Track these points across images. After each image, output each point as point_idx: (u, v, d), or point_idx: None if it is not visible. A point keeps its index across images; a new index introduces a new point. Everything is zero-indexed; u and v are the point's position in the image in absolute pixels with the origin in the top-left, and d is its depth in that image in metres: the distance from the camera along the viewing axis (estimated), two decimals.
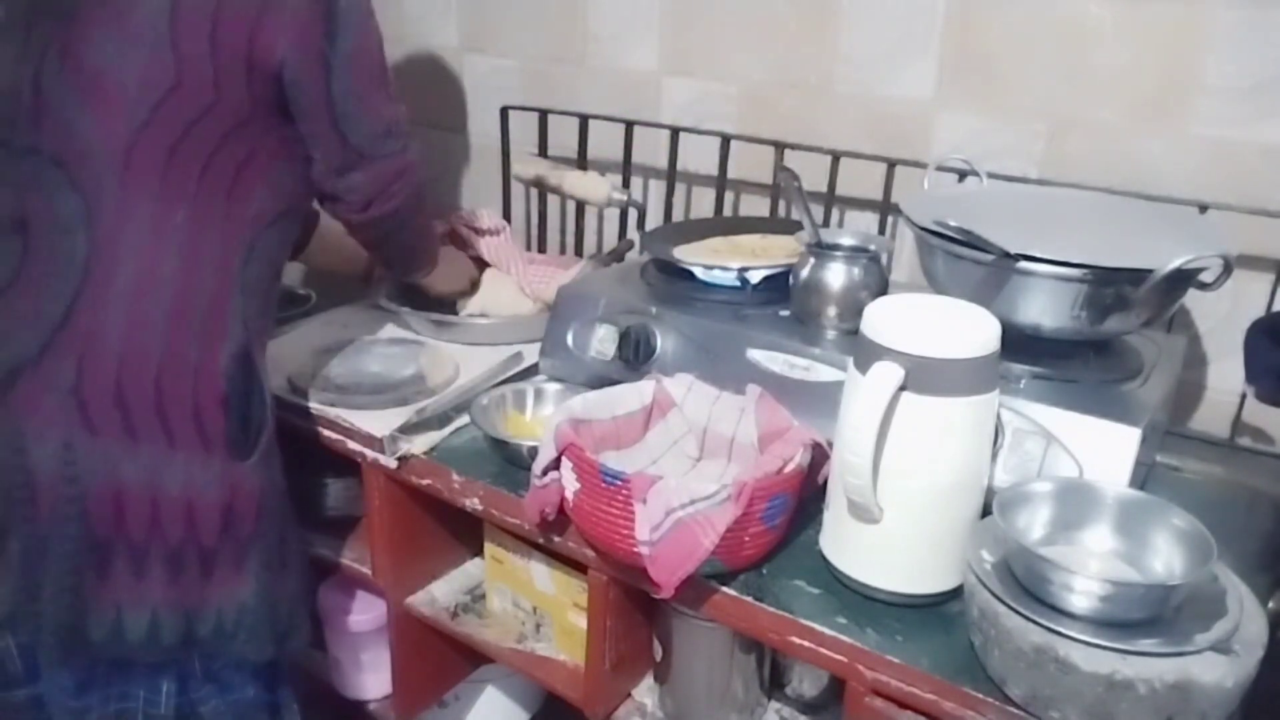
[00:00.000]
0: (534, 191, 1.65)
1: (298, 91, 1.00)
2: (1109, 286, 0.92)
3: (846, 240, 1.15)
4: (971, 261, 0.96)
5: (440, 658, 1.32)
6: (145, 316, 0.96)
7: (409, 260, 1.29)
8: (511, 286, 1.41)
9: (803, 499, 0.95)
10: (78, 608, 0.96)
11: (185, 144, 0.96)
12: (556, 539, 1.02)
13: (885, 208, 1.33)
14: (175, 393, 0.97)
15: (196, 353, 0.98)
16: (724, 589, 0.91)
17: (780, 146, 1.39)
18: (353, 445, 1.16)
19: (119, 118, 0.94)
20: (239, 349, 1.01)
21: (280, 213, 1.04)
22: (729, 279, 1.19)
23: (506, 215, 1.69)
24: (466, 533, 1.26)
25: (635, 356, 1.14)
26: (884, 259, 1.13)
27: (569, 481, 0.94)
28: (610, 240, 1.65)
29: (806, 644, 0.86)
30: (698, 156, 1.51)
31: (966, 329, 0.82)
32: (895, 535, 0.84)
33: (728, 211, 1.51)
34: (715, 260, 1.22)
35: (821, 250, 1.11)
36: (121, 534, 0.96)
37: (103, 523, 0.96)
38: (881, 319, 0.83)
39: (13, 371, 0.94)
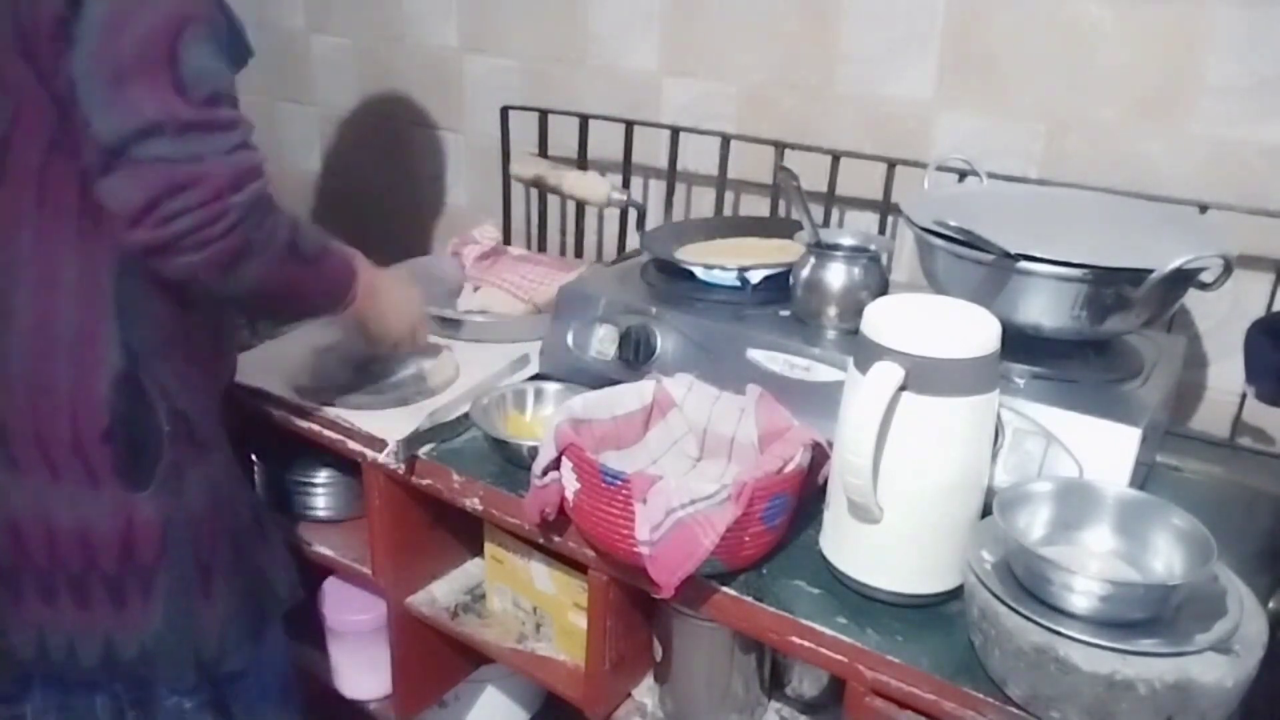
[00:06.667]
0: (534, 191, 1.64)
1: (48, 71, 0.85)
2: (1109, 286, 0.92)
3: (846, 240, 1.15)
4: (971, 261, 0.95)
5: (440, 658, 1.32)
6: (8, 348, 0.93)
7: (272, 309, 1.09)
8: (501, 294, 1.42)
9: (803, 499, 0.95)
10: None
11: (9, 162, 0.90)
12: (556, 539, 1.02)
13: (885, 208, 1.33)
14: (52, 424, 0.93)
15: (69, 382, 0.93)
16: (724, 589, 0.91)
17: (780, 146, 1.39)
18: (353, 445, 1.16)
19: None
20: (122, 375, 0.93)
21: None
22: (729, 279, 1.19)
23: (506, 215, 1.69)
24: (466, 533, 1.26)
25: (635, 356, 1.14)
26: (884, 259, 1.13)
27: (569, 481, 0.94)
28: (610, 240, 1.65)
29: (806, 644, 0.86)
30: (698, 156, 1.51)
31: (966, 329, 0.82)
32: (895, 535, 0.84)
33: (728, 211, 1.51)
34: (715, 260, 1.22)
35: (821, 250, 1.11)
36: (25, 561, 0.96)
37: (4, 550, 0.95)
38: (881, 319, 0.83)
39: None
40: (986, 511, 0.84)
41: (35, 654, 0.98)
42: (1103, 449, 0.90)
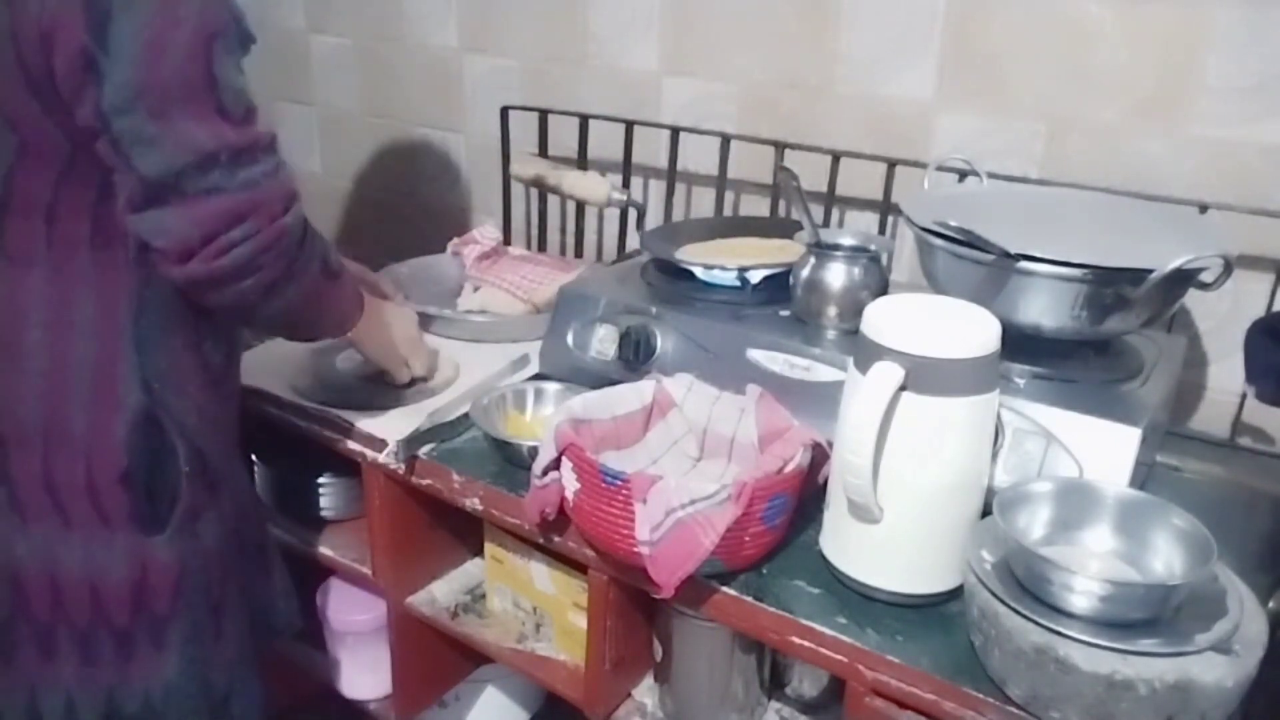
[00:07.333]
0: (534, 191, 1.65)
1: (73, 103, 0.79)
2: (1109, 286, 0.92)
3: (846, 240, 1.15)
4: (971, 261, 0.95)
5: (440, 658, 1.32)
6: (19, 391, 0.88)
7: (295, 328, 1.02)
8: (501, 294, 1.42)
9: (803, 499, 0.95)
10: None
11: (15, 198, 0.86)
12: (556, 539, 1.02)
13: (885, 208, 1.33)
14: (66, 470, 0.89)
15: (85, 425, 0.88)
16: (724, 589, 0.91)
17: (780, 146, 1.39)
18: (352, 445, 1.16)
19: None
20: (140, 416, 0.89)
21: None
22: (729, 279, 1.19)
23: (506, 215, 1.69)
24: (466, 533, 1.26)
25: (635, 356, 1.14)
26: (884, 259, 1.13)
27: (569, 481, 0.93)
28: (610, 240, 1.65)
29: (806, 644, 0.86)
30: (698, 156, 1.51)
31: (966, 329, 0.82)
32: (895, 535, 0.84)
33: (728, 211, 1.51)
34: (715, 260, 1.22)
35: (821, 250, 1.11)
36: (24, 614, 0.91)
37: (1, 602, 0.91)
38: (881, 319, 0.83)
39: None
40: (986, 511, 0.84)
41: (25, 716, 0.93)
42: (1103, 449, 0.90)
